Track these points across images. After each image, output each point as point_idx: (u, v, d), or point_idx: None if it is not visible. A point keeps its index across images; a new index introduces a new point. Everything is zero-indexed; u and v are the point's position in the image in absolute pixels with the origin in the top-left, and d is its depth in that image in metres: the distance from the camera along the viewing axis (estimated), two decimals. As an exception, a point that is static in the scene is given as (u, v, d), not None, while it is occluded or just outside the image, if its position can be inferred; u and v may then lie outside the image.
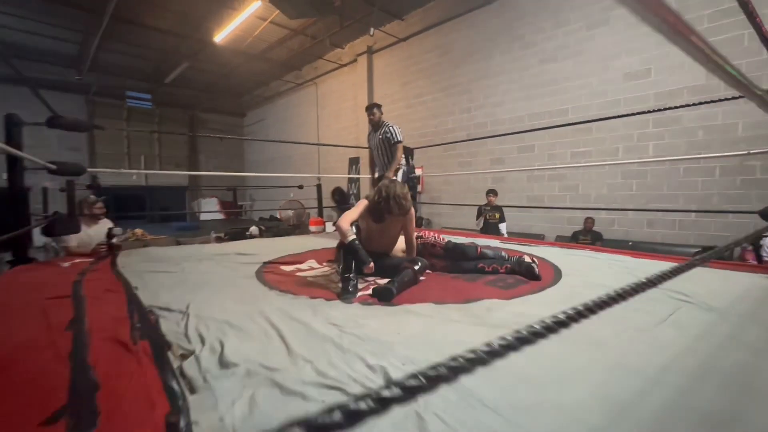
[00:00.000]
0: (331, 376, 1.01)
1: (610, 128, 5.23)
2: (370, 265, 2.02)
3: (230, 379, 1.00)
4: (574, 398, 0.89)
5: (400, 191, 2.19)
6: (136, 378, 0.99)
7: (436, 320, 1.46)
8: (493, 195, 5.64)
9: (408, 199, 2.24)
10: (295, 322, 1.43)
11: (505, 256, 2.35)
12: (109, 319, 1.46)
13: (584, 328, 1.36)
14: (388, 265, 2.17)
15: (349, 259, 1.99)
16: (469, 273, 2.25)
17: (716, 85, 4.42)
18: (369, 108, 3.66)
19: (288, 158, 12.15)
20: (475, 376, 0.40)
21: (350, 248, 2.03)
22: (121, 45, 9.23)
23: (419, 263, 2.06)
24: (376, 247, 2.33)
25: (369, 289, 1.90)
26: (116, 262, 2.63)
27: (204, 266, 2.54)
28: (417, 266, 2.02)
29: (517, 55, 6.24)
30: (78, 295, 1.79)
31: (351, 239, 2.05)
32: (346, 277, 1.91)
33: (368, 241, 2.33)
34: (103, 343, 1.23)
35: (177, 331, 1.35)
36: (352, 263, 1.97)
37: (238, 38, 8.42)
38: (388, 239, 2.38)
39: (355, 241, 2.05)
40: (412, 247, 2.39)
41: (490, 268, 2.25)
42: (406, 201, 2.21)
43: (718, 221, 4.50)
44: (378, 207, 2.21)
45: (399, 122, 8.25)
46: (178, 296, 1.78)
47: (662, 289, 1.82)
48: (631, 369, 1.03)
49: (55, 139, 11.08)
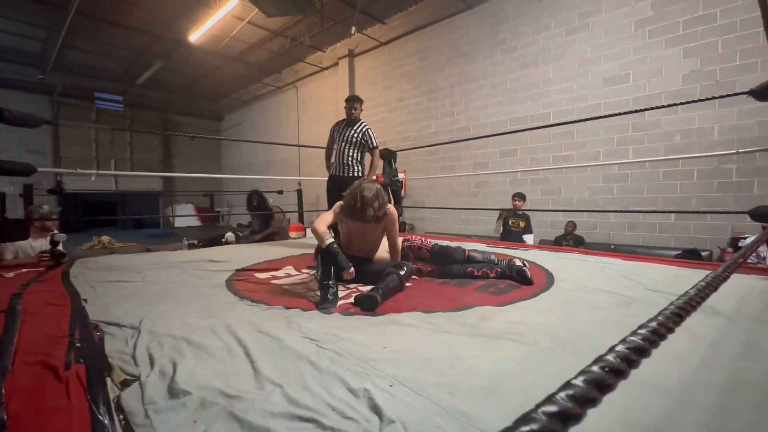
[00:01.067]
0: (304, 404, 0.84)
1: (591, 132, 5.27)
2: (350, 271, 1.85)
3: (179, 412, 0.81)
4: (599, 427, 0.75)
5: (373, 196, 1.99)
6: (57, 415, 0.79)
7: (425, 331, 1.31)
8: (519, 199, 4.81)
9: (384, 201, 2.06)
10: (265, 336, 1.25)
11: (495, 260, 2.22)
12: (43, 339, 1.24)
13: (588, 337, 1.24)
14: (371, 271, 2.01)
15: (327, 264, 1.82)
16: (457, 278, 2.12)
17: (692, 89, 4.52)
18: (355, 100, 3.41)
19: (267, 163, 11.83)
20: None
21: (328, 252, 1.86)
22: (89, 43, 8.78)
23: (405, 268, 1.90)
24: (357, 251, 2.16)
25: (351, 297, 1.73)
26: (68, 272, 2.36)
27: (168, 275, 2.31)
28: (402, 271, 1.86)
29: (499, 60, 6.25)
30: (13, 311, 1.55)
31: (328, 243, 1.88)
32: (325, 284, 1.73)
33: (348, 245, 2.16)
34: (26, 368, 1.02)
35: (123, 351, 1.15)
36: (331, 269, 1.80)
37: (215, 38, 8.15)
38: (370, 243, 2.20)
39: (333, 245, 1.88)
40: (397, 251, 2.22)
41: (479, 272, 2.12)
42: (381, 206, 2.01)
43: (697, 224, 4.56)
44: (353, 207, 2.00)
45: (381, 126, 8.20)
46: (131, 309, 1.56)
47: (661, 292, 1.74)
48: (651, 386, 0.90)
49: (16, 141, 10.46)
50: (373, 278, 1.86)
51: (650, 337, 0.45)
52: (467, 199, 6.78)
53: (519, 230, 4.73)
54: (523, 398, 0.86)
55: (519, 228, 4.73)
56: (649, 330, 0.44)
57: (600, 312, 1.50)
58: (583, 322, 1.38)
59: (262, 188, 7.65)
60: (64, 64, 9.51)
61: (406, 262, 2.02)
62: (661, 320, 0.47)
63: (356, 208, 1.98)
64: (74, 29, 7.62)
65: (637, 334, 0.43)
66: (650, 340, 0.45)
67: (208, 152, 14.64)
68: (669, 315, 0.49)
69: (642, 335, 0.43)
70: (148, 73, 9.93)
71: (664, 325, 0.46)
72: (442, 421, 0.77)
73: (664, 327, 0.46)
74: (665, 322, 0.47)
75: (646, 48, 4.83)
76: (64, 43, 8.19)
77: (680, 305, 0.52)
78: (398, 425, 0.76)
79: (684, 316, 0.49)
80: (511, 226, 4.77)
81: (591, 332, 1.27)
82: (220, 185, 14.39)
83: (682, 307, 0.51)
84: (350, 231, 2.15)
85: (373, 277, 1.87)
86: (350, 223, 2.11)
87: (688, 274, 2.14)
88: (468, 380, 0.95)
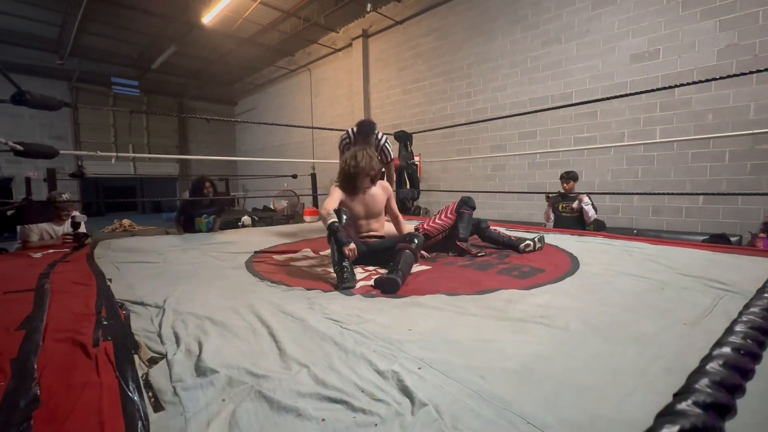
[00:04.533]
0: (332, 385, 0.82)
1: (615, 112, 5.05)
2: (351, 246, 1.83)
3: (207, 390, 0.80)
4: (642, 415, 0.71)
5: (360, 152, 2.18)
6: (88, 391, 0.79)
7: (450, 314, 1.28)
8: (568, 181, 4.10)
9: (373, 155, 2.22)
10: (288, 317, 1.24)
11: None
12: (72, 316, 1.25)
13: (621, 322, 1.19)
14: (382, 248, 2.03)
15: (338, 245, 1.80)
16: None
17: (727, 65, 4.25)
18: (372, 128, 3.04)
19: (281, 147, 11.83)
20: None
21: (329, 231, 1.86)
22: (104, 27, 8.80)
23: (415, 240, 1.88)
24: (366, 231, 2.24)
25: (371, 280, 1.71)
26: (93, 253, 2.41)
27: (189, 256, 2.33)
28: (414, 243, 1.85)
29: (519, 37, 6.00)
30: (42, 289, 1.58)
31: (330, 222, 1.89)
32: (340, 266, 1.71)
33: (356, 227, 2.22)
34: (57, 344, 1.03)
35: (149, 330, 1.15)
36: (342, 249, 1.78)
37: (228, 20, 8.06)
38: (375, 216, 2.28)
39: (333, 224, 1.88)
40: (400, 222, 2.37)
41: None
42: (371, 157, 2.19)
43: (727, 207, 4.37)
44: (348, 174, 2.16)
45: (396, 109, 8.07)
46: (155, 289, 1.57)
47: (695, 277, 1.66)
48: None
49: (38, 127, 10.69)
50: (387, 255, 1.86)
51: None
52: (483, 182, 6.65)
53: (574, 215, 3.95)
54: (558, 383, 0.83)
55: (573, 213, 3.95)
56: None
57: (631, 296, 1.44)
58: (615, 306, 1.33)
59: (277, 172, 7.68)
60: (81, 49, 9.60)
61: (416, 233, 1.99)
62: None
63: (349, 171, 2.15)
64: (89, 13, 7.64)
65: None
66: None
67: (222, 137, 14.72)
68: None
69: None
70: (163, 57, 9.93)
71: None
72: (475, 405, 0.74)
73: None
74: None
75: (678, 21, 4.55)
76: (80, 28, 8.23)
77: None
78: (430, 408, 0.73)
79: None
80: (564, 212, 4.04)
81: (624, 316, 1.22)
82: (235, 170, 14.52)
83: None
84: (354, 210, 2.21)
85: (387, 255, 1.87)
86: (351, 201, 2.20)
87: (722, 259, 2.05)
88: (499, 363, 0.91)
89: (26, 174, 9.53)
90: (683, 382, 0.81)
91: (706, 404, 0.24)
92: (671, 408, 0.24)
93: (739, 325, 0.50)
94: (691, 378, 0.25)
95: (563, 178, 4.13)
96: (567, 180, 4.10)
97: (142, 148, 12.72)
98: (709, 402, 0.23)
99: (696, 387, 0.28)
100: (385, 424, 0.69)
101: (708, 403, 0.23)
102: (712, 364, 0.31)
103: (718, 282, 1.56)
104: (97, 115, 11.84)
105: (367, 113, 8.52)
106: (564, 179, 4.12)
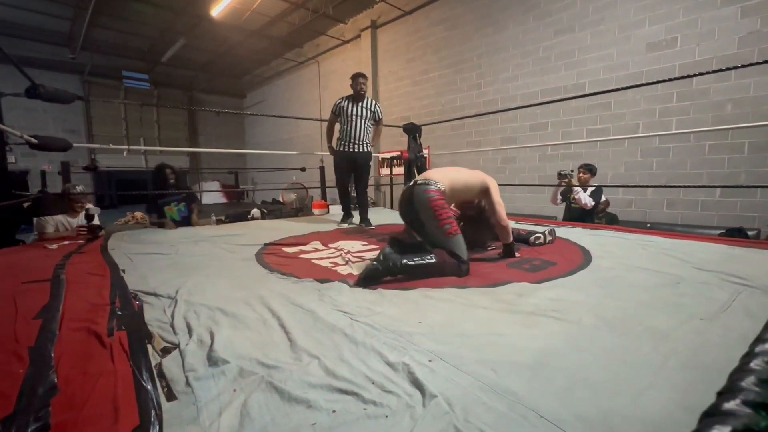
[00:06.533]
0: (342, 376, 0.82)
1: (630, 103, 4.93)
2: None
3: (218, 380, 0.81)
4: (658, 411, 0.69)
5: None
6: (103, 379, 0.81)
7: (460, 306, 1.27)
8: (586, 172, 3.99)
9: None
10: (298, 309, 1.25)
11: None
12: (87, 306, 1.28)
13: (635, 316, 1.17)
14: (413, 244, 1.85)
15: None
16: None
17: (748, 53, 4.11)
18: (361, 75, 3.45)
19: (290, 140, 11.84)
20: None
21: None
22: (115, 21, 8.85)
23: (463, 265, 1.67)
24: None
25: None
26: (106, 244, 2.45)
27: (200, 248, 2.36)
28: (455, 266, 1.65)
29: (531, 26, 5.87)
30: (58, 279, 1.62)
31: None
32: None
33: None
34: (73, 334, 1.05)
35: (161, 320, 1.17)
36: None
37: (236, 12, 8.04)
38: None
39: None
40: (502, 228, 2.00)
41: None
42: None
43: (745, 201, 4.25)
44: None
45: (405, 100, 8.00)
46: (167, 280, 1.59)
47: (712, 271, 1.62)
48: (713, 369, 0.83)
49: (52, 121, 10.86)
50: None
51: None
52: (493, 174, 6.40)
53: (585, 208, 3.86)
54: (571, 377, 0.82)
55: (585, 206, 3.86)
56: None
57: (646, 291, 1.41)
58: (628, 300, 1.31)
59: (286, 165, 7.70)
60: (92, 42, 9.68)
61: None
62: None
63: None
64: (100, 7, 7.68)
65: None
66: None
67: (232, 130, 14.79)
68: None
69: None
70: (173, 50, 9.97)
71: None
72: (487, 398, 0.74)
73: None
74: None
75: (697, 8, 4.39)
76: (91, 21, 8.29)
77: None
78: (441, 400, 0.73)
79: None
80: (575, 206, 3.92)
81: (638, 311, 1.20)
82: (245, 163, 14.61)
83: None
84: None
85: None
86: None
87: (739, 253, 2.00)
88: (510, 357, 0.90)
89: (41, 167, 9.73)
90: (701, 377, 0.79)
91: (756, 403, 0.22)
92: (717, 408, 0.23)
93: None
94: (735, 376, 0.24)
95: (581, 168, 4.08)
96: (585, 171, 4.05)
97: (153, 141, 12.85)
98: (759, 401, 0.22)
99: (742, 385, 0.27)
100: (396, 416, 0.69)
101: (758, 402, 0.22)
102: (757, 362, 0.30)
103: (736, 276, 1.52)
104: (109, 108, 11.99)
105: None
106: (582, 170, 4.07)
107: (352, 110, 3.37)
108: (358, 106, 3.37)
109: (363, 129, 3.38)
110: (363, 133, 3.39)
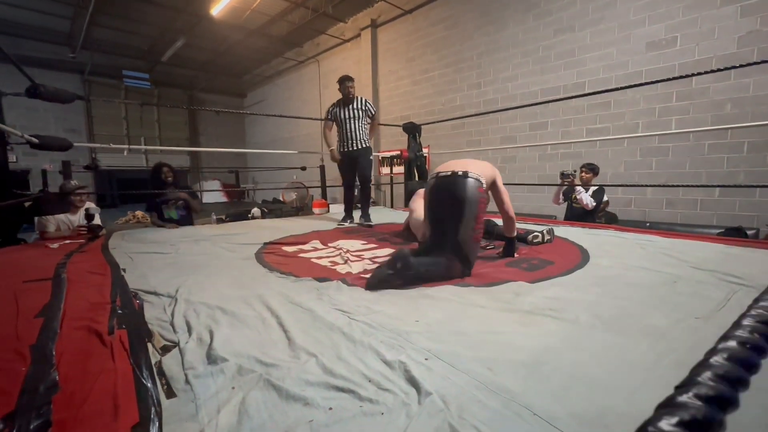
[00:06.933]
0: (340, 374, 0.83)
1: (630, 102, 4.93)
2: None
3: (217, 378, 0.82)
4: (652, 408, 0.70)
5: None
6: (104, 377, 0.82)
7: (458, 305, 1.28)
8: (588, 171, 3.91)
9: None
10: (297, 307, 1.26)
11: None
12: (87, 305, 1.29)
13: (632, 315, 1.18)
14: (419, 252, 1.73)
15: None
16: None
17: (748, 52, 4.11)
18: (348, 79, 3.51)
19: (290, 140, 11.85)
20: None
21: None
22: (115, 20, 8.86)
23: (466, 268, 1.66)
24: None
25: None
26: (107, 243, 2.46)
27: (200, 247, 2.37)
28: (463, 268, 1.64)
29: (531, 26, 5.87)
30: (59, 278, 1.63)
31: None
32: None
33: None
34: (74, 332, 1.06)
35: (161, 319, 1.18)
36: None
37: (236, 11, 8.04)
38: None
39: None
40: (509, 219, 1.94)
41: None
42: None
43: (744, 200, 4.25)
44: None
45: (405, 99, 8.00)
46: (167, 279, 1.60)
47: (709, 271, 1.63)
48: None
49: (53, 120, 10.87)
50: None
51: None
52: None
53: (586, 209, 3.80)
54: (567, 375, 0.83)
55: (586, 206, 3.79)
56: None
57: (643, 289, 1.42)
58: (626, 299, 1.31)
59: (286, 164, 7.69)
60: (92, 42, 9.69)
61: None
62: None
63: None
64: (100, 6, 7.69)
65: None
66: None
67: (232, 130, 14.80)
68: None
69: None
70: (173, 49, 9.97)
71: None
72: (482, 396, 0.75)
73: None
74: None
75: (697, 7, 4.39)
76: (91, 20, 8.30)
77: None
78: (436, 398, 0.74)
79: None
80: (577, 205, 3.85)
81: (635, 309, 1.21)
82: (245, 162, 14.62)
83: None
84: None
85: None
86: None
87: (737, 253, 2.00)
88: (507, 355, 0.91)
89: (42, 166, 9.73)
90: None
91: (707, 397, 0.23)
92: (672, 400, 0.24)
93: (747, 318, 0.49)
94: (695, 371, 0.25)
95: (584, 168, 3.99)
96: (588, 170, 3.96)
97: (154, 140, 12.86)
98: (710, 395, 0.23)
99: (698, 380, 0.28)
100: (392, 414, 0.70)
101: (709, 395, 0.23)
102: (716, 358, 0.31)
103: (733, 276, 1.53)
104: (110, 107, 12.00)
105: (376, 105, 8.46)
106: (585, 169, 3.97)
107: (345, 114, 3.49)
108: (349, 109, 3.49)
109: (358, 129, 3.49)
110: (359, 133, 3.49)
